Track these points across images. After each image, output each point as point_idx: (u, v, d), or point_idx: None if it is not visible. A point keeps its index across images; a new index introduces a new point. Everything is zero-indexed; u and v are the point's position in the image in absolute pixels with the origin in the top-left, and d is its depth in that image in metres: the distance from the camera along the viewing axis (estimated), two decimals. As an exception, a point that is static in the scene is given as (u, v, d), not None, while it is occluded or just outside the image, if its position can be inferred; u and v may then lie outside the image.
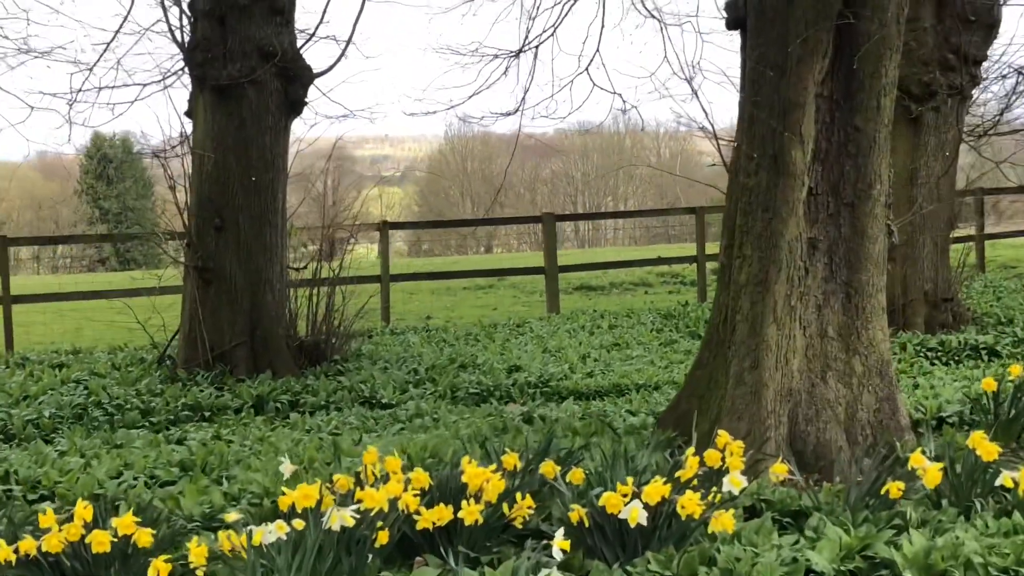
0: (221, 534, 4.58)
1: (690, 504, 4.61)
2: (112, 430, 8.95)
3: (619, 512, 4.56)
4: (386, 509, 4.51)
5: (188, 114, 11.49)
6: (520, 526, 4.92)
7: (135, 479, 6.65)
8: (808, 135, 6.66)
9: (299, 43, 11.50)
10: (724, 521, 4.64)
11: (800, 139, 6.64)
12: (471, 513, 4.68)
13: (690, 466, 5.04)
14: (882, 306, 6.98)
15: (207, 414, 9.53)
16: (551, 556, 4.59)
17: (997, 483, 5.39)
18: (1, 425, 8.96)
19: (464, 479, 4.80)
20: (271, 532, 4.17)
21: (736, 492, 4.82)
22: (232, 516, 4.67)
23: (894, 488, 5.20)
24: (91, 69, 11.93)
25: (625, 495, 4.69)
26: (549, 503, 5.30)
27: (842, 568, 4.59)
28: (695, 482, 5.01)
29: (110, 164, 43.70)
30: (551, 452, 6.06)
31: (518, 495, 4.90)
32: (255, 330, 11.06)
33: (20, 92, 12.11)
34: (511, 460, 5.44)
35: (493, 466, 5.10)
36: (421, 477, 4.83)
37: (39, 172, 47.83)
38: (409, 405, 9.35)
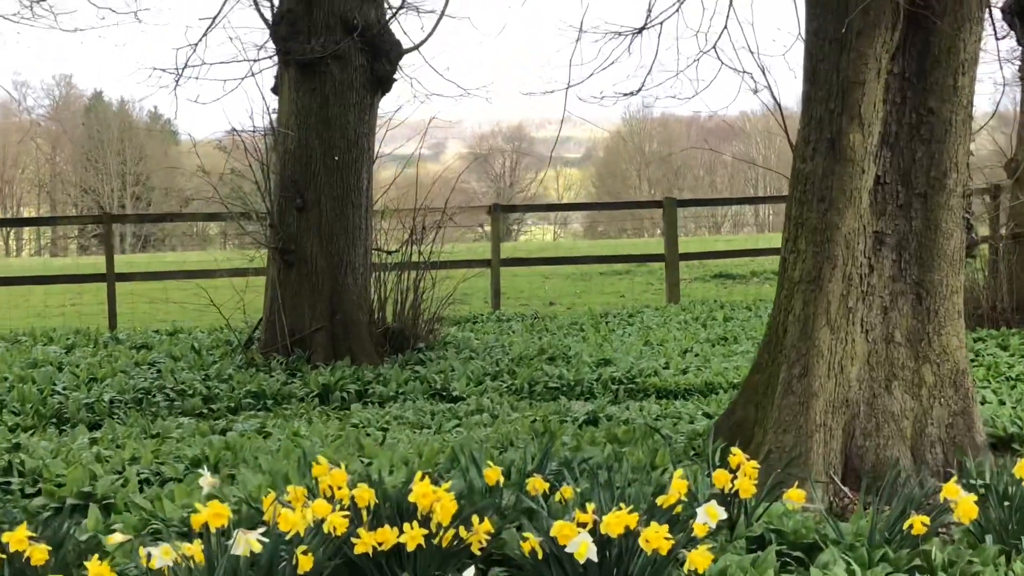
0: (141, 551, 4.12)
1: (655, 538, 4.00)
2: (169, 416, 8.66)
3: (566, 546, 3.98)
4: (302, 532, 4.01)
5: (274, 91, 11.17)
6: (478, 552, 4.37)
7: (139, 475, 6.26)
8: (870, 117, 5.95)
9: (387, 15, 11.04)
10: (696, 559, 4.02)
11: (860, 121, 5.94)
12: (413, 538, 4.15)
13: (675, 490, 4.42)
14: (958, 309, 6.22)
15: (269, 402, 9.16)
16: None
17: (1046, 521, 4.65)
18: (56, 408, 8.70)
19: (411, 498, 4.27)
20: (158, 556, 3.71)
21: (712, 524, 4.18)
22: (117, 539, 4.21)
23: (917, 523, 4.50)
24: (194, 46, 11.71)
25: (584, 524, 4.11)
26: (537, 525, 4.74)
27: (828, 619, 3.93)
28: (679, 509, 4.39)
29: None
30: (573, 463, 5.52)
31: (475, 518, 4.35)
32: (335, 315, 10.69)
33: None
34: (493, 475, 4.90)
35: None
36: (364, 494, 4.31)
37: (221, 150, 48.57)
38: (475, 399, 8.82)
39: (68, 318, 16.74)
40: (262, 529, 3.93)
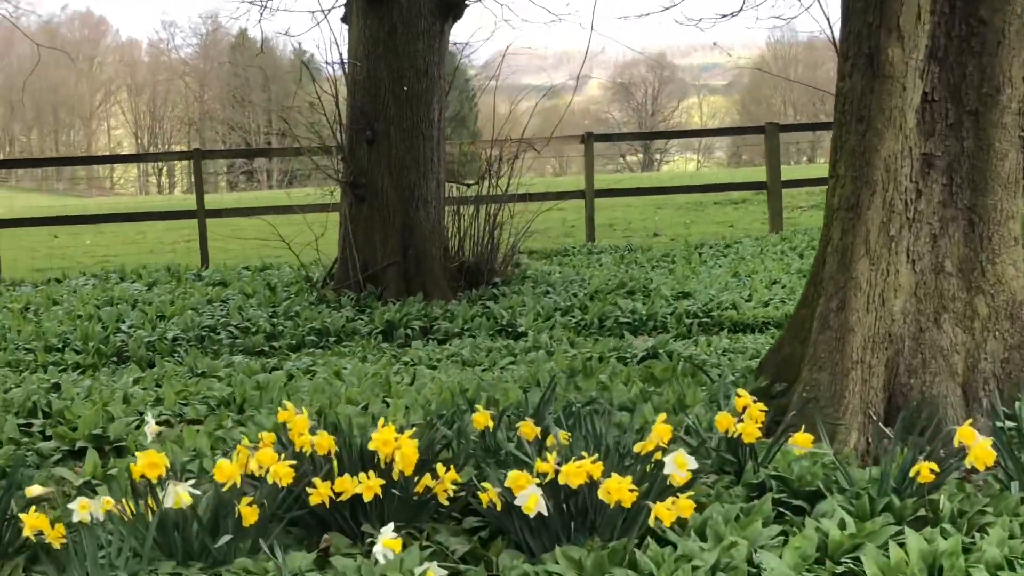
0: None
1: (616, 489, 3.71)
2: (228, 354, 8.58)
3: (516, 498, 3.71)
4: (239, 483, 3.80)
5: (344, 20, 10.94)
6: (446, 503, 4.12)
7: (160, 416, 6.16)
8: (911, 30, 5.49)
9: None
10: (661, 511, 3.73)
11: (900, 35, 5.48)
12: (369, 488, 3.93)
13: (656, 436, 4.11)
14: (1015, 236, 5.75)
15: (332, 340, 9.02)
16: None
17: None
18: (117, 347, 8.67)
19: (371, 446, 4.04)
20: (76, 511, 3.55)
21: (682, 473, 3.86)
22: (35, 491, 4.04)
23: (924, 470, 4.14)
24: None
25: (544, 475, 3.83)
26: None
27: (804, 578, 3.60)
28: (657, 456, 4.09)
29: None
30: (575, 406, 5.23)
31: (440, 467, 4.10)
32: (407, 250, 10.49)
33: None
34: (481, 419, 4.65)
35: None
36: (324, 442, 4.09)
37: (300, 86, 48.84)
38: (533, 336, 8.56)
39: (178, 255, 16.90)
40: (192, 481, 3.73)
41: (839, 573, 3.60)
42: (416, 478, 4.09)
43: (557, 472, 3.79)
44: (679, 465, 3.80)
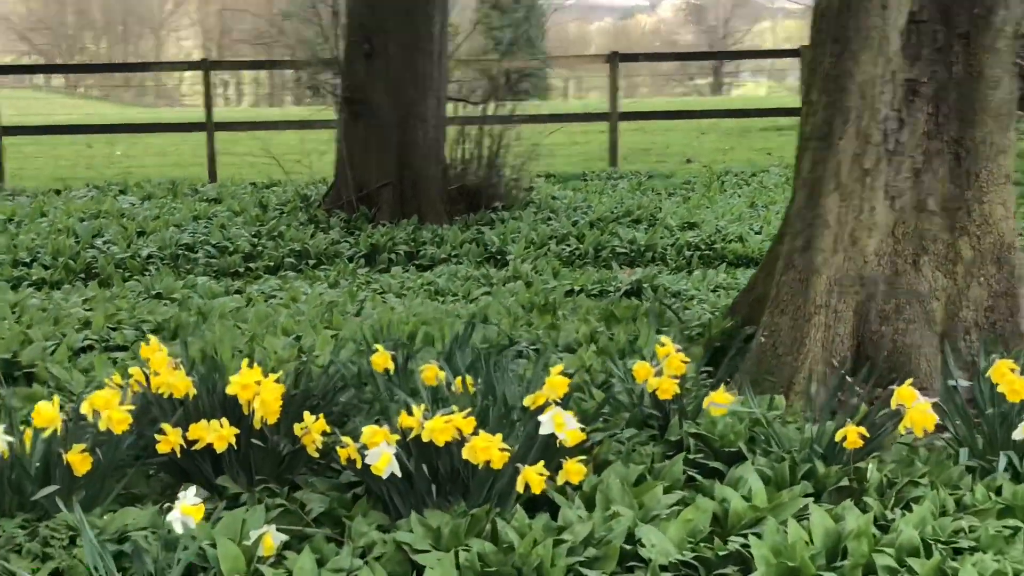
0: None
1: (484, 448, 3.27)
2: (202, 274, 8.23)
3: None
4: (58, 430, 3.41)
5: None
6: (315, 454, 3.71)
7: (86, 340, 5.80)
8: (891, -61, 4.95)
9: None
10: (530, 476, 3.30)
11: (880, -57, 4.95)
12: (221, 437, 3.52)
13: (550, 388, 3.67)
14: (1005, 173, 5.23)
15: (311, 262, 8.64)
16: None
17: (1015, 436, 3.75)
18: (87, 264, 8.33)
19: (229, 390, 3.63)
20: None
21: (560, 434, 3.41)
22: None
23: (852, 434, 3.68)
24: None
25: (409, 430, 3.41)
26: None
27: (684, 557, 3.16)
28: (549, 410, 3.64)
29: (504, -8, 43.37)
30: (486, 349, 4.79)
31: (308, 415, 3.68)
32: (403, 170, 10.04)
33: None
34: (381, 360, 4.24)
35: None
36: (180, 384, 3.68)
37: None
38: (513, 265, 8.11)
39: (202, 169, 16.50)
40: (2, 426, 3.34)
41: (725, 555, 3.15)
42: (281, 426, 3.68)
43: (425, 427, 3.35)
44: (556, 426, 3.35)
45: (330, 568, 3.06)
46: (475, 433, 3.32)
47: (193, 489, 2.90)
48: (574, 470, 3.49)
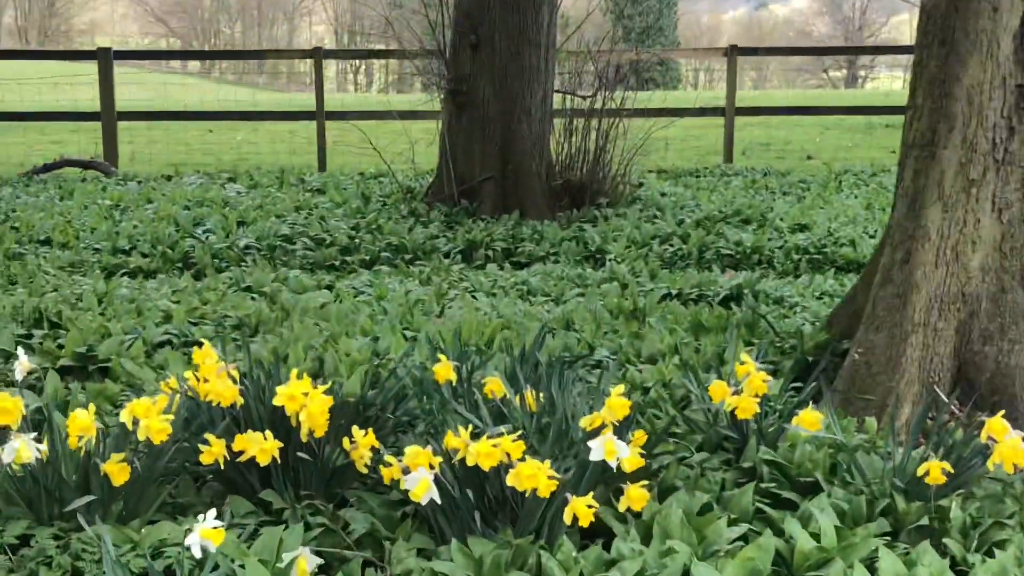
0: None
1: (531, 475, 3.09)
2: (297, 267, 8.17)
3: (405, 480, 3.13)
4: (93, 437, 3.30)
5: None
6: (364, 470, 3.56)
7: (165, 334, 5.74)
8: (1006, -66, 4.64)
9: None
10: (578, 507, 3.10)
11: (991, -60, 4.65)
12: (264, 451, 3.39)
13: (610, 408, 3.47)
14: (1126, 186, 4.89)
15: (408, 257, 8.51)
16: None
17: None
18: (184, 253, 8.32)
19: (276, 401, 3.49)
20: None
21: (609, 460, 3.20)
22: None
23: (934, 469, 3.42)
24: None
25: (454, 452, 3.24)
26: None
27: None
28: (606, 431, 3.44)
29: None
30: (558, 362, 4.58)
31: (357, 430, 3.53)
32: (506, 164, 9.86)
33: None
34: (443, 371, 4.07)
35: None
36: (227, 392, 3.55)
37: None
38: (610, 266, 7.90)
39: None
40: (33, 434, 3.24)
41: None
42: (334, 438, 3.54)
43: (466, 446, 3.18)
44: (607, 453, 3.15)
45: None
46: (523, 459, 3.12)
47: (213, 512, 2.74)
48: (636, 497, 3.29)
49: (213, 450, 3.41)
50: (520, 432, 3.26)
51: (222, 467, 3.46)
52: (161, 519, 3.47)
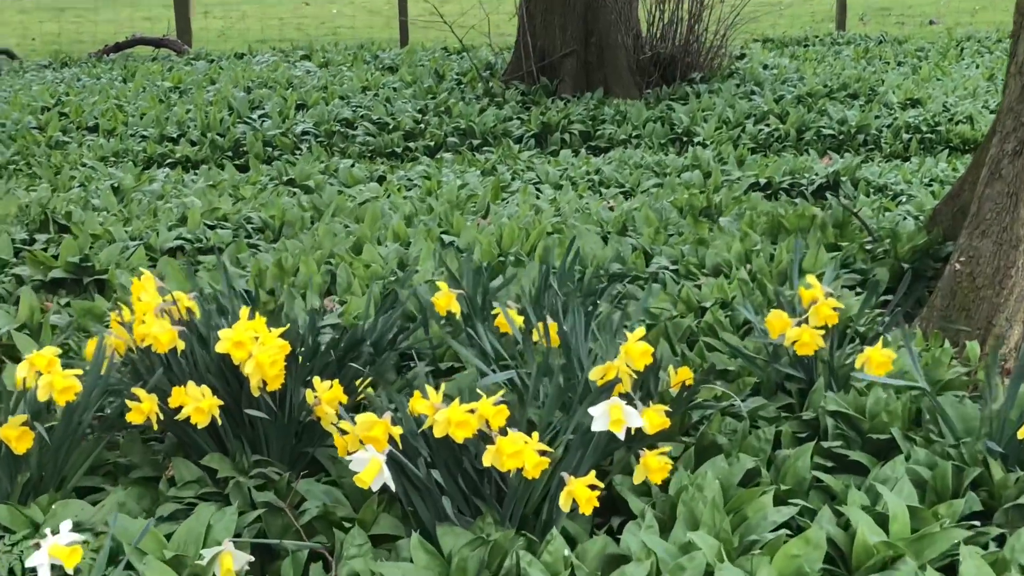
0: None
1: (514, 454, 2.42)
2: (355, 154, 7.55)
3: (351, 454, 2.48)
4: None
5: None
6: (330, 428, 2.90)
7: (178, 240, 5.15)
8: None
9: None
10: (578, 491, 2.44)
11: None
12: (199, 411, 2.76)
13: (629, 355, 2.78)
14: None
15: (476, 142, 7.83)
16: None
17: None
18: (235, 141, 7.72)
19: (219, 348, 2.83)
20: None
21: (619, 434, 2.51)
22: None
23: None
24: None
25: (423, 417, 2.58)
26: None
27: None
28: (622, 388, 2.75)
29: None
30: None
31: (317, 380, 2.88)
32: (589, 37, 9.05)
33: None
34: (443, 301, 3.42)
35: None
36: (163, 336, 2.89)
37: None
38: (692, 152, 7.12)
39: (415, 30, 15.75)
40: None
41: None
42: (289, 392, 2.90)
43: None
44: (613, 422, 2.46)
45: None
46: (504, 432, 2.45)
47: (68, 523, 2.12)
48: (654, 466, 2.62)
49: (143, 407, 2.79)
50: (500, 394, 2.58)
51: (155, 428, 2.84)
52: (98, 484, 2.89)
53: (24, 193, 6.05)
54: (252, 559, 2.44)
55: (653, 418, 2.63)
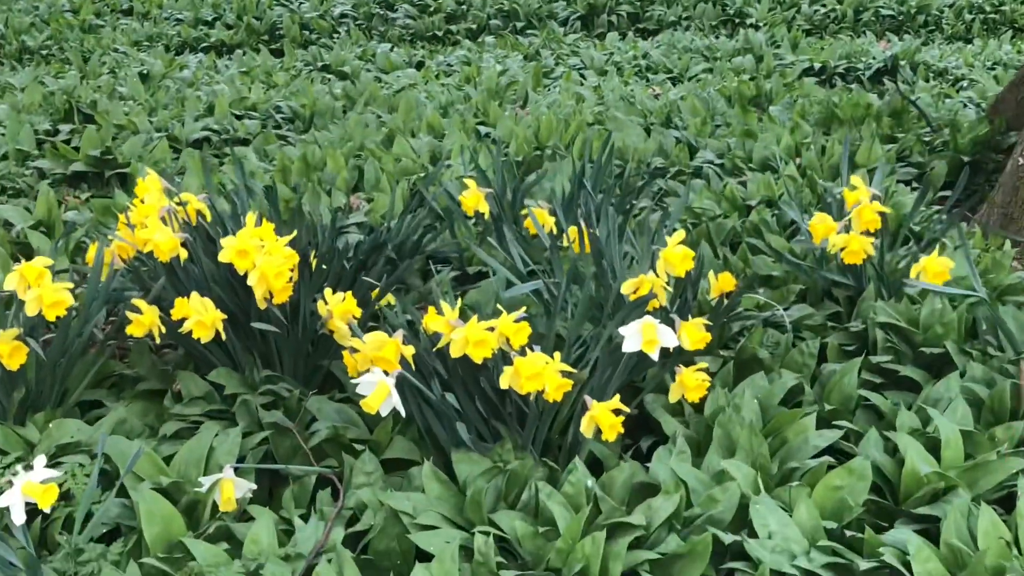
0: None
1: (534, 376, 2.23)
2: (398, 38, 7.30)
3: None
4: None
5: None
6: (343, 341, 2.72)
7: (204, 130, 4.97)
8: None
9: None
10: (601, 417, 2.25)
11: None
12: (202, 324, 2.57)
13: (669, 261, 2.58)
14: None
15: (520, 24, 7.55)
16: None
17: None
18: (271, 24, 7.49)
19: (222, 256, 2.63)
20: None
21: (652, 356, 2.30)
22: None
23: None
24: None
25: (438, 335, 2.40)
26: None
27: (811, 566, 2.08)
28: (655, 303, 2.56)
29: None
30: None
31: (328, 291, 2.70)
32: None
33: None
34: (471, 201, 3.22)
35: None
36: (165, 243, 2.71)
37: None
38: (743, 34, 6.81)
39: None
40: None
41: (867, 569, 2.04)
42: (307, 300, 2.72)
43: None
44: (645, 343, 2.26)
45: (289, 550, 2.12)
46: (523, 352, 2.26)
47: (42, 459, 1.96)
48: (691, 384, 2.43)
49: (143, 319, 2.62)
50: (523, 310, 2.39)
51: (156, 341, 2.67)
52: (103, 397, 2.74)
53: (52, 80, 5.87)
54: (255, 487, 2.28)
55: (693, 333, 2.43)
